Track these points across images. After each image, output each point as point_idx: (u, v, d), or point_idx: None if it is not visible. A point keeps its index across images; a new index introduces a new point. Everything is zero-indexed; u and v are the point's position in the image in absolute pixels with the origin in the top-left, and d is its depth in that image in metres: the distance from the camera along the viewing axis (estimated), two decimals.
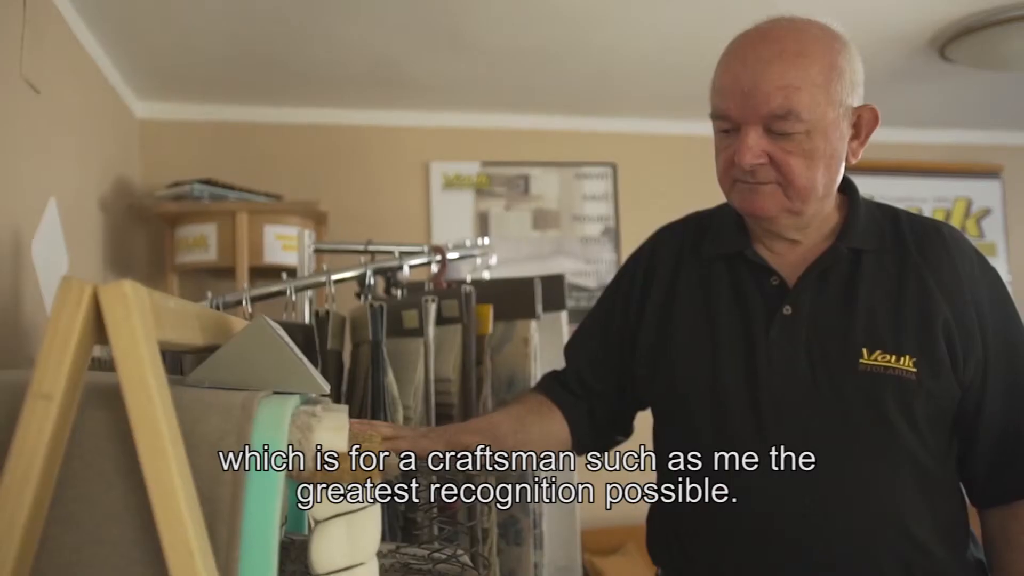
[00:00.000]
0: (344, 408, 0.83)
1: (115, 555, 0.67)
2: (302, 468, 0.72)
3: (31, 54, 1.85)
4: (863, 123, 1.17)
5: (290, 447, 0.72)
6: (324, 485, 0.74)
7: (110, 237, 2.61)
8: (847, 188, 1.25)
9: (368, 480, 0.75)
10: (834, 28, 1.16)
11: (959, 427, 1.19)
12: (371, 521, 0.77)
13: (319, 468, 0.73)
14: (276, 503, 0.70)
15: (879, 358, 1.13)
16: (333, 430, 0.74)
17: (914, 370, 1.13)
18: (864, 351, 1.14)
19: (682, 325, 1.26)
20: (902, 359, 1.13)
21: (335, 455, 0.74)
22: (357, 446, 0.75)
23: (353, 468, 0.74)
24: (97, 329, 0.66)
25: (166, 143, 3.17)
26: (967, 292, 1.17)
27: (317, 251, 1.92)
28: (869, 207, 1.25)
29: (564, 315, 1.84)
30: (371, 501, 0.76)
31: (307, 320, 1.77)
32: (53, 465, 0.65)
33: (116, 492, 0.68)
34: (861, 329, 1.16)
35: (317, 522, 0.76)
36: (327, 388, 0.89)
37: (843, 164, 1.18)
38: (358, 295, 1.93)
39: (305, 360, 0.88)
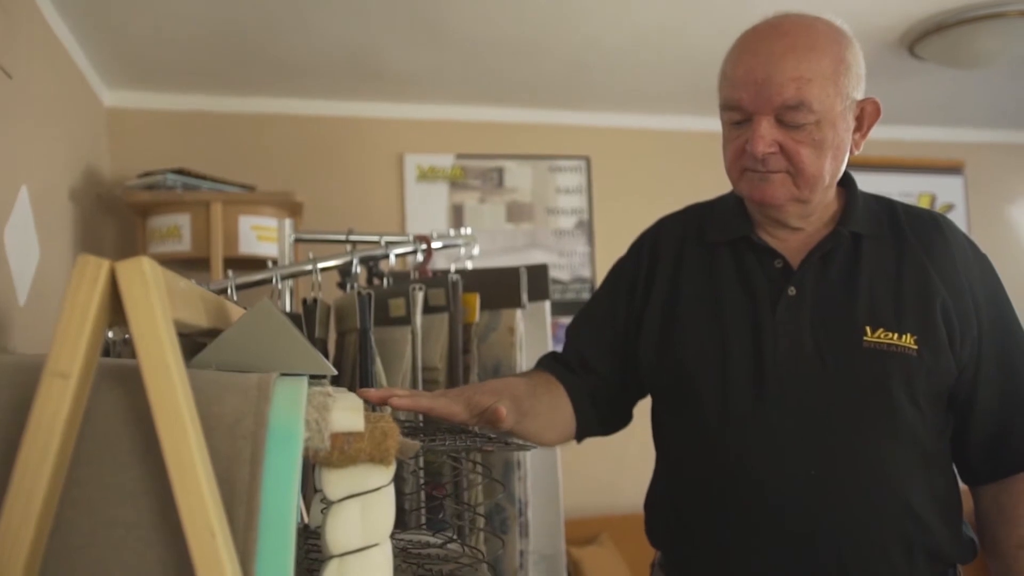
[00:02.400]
0: (350, 393, 0.83)
1: (130, 537, 0.66)
2: (319, 447, 0.71)
3: (3, 38, 1.81)
4: (865, 115, 1.23)
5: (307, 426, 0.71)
6: (340, 465, 0.74)
7: (80, 227, 2.56)
8: (845, 178, 1.29)
9: (384, 460, 0.74)
10: (838, 24, 1.21)
11: (954, 406, 1.23)
12: (386, 502, 0.76)
13: (337, 448, 0.73)
14: (294, 484, 0.69)
15: (882, 336, 1.17)
16: (349, 409, 0.73)
17: (915, 347, 1.17)
18: (867, 329, 1.18)
19: (688, 309, 1.28)
20: (904, 337, 1.17)
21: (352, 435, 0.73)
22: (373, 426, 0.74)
23: (370, 448, 0.73)
24: (113, 307, 0.64)
25: (135, 132, 3.11)
26: (962, 276, 1.22)
27: (298, 240, 1.90)
28: (866, 197, 1.30)
29: (548, 305, 1.84)
30: (386, 482, 0.76)
31: (288, 310, 1.75)
32: (69, 445, 0.63)
33: (131, 474, 0.67)
34: (863, 308, 1.19)
35: (331, 503, 0.75)
36: (334, 371, 0.88)
37: (847, 155, 1.22)
38: (340, 285, 1.91)
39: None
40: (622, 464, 3.17)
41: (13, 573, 0.61)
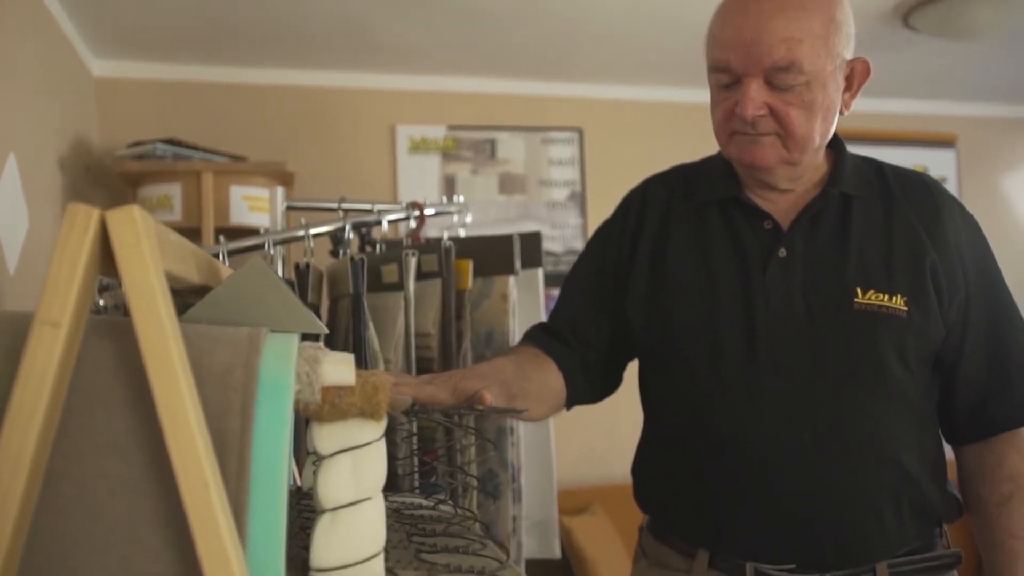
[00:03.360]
0: None
1: (121, 488, 0.66)
2: (310, 400, 0.71)
3: None
4: (856, 75, 1.21)
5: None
6: (331, 419, 0.74)
7: (70, 197, 2.54)
8: (833, 140, 1.27)
9: (375, 414, 0.74)
10: None
11: (941, 367, 1.23)
12: (377, 457, 0.76)
13: (327, 402, 0.72)
14: (286, 436, 0.69)
15: (873, 297, 1.17)
16: (340, 363, 0.73)
17: (905, 309, 1.17)
18: (858, 290, 1.18)
19: (677, 269, 1.27)
20: (894, 298, 1.17)
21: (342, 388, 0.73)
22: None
23: (360, 402, 0.73)
24: (103, 258, 0.64)
25: (124, 103, 3.09)
26: (951, 237, 1.22)
27: (290, 208, 1.89)
28: (855, 158, 1.29)
29: (540, 272, 1.84)
30: (377, 437, 0.76)
31: (280, 276, 1.74)
32: (60, 395, 0.63)
33: (121, 425, 0.67)
34: (854, 269, 1.19)
35: (322, 458, 0.76)
36: (325, 330, 0.88)
37: (837, 115, 1.21)
38: (332, 253, 1.91)
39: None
40: (613, 436, 3.19)
41: (5, 524, 0.61)
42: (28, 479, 0.61)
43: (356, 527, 0.75)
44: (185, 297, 1.02)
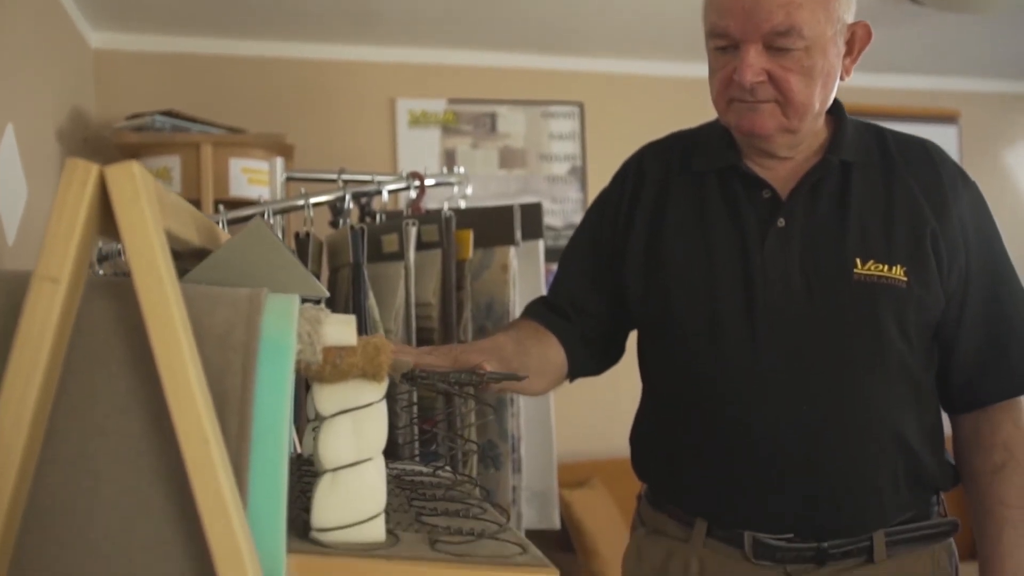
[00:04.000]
0: None
1: (122, 447, 0.66)
2: (311, 360, 0.71)
3: None
4: (856, 39, 1.19)
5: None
6: (332, 380, 0.74)
7: None
8: (833, 105, 1.25)
9: (377, 375, 0.74)
10: None
11: (939, 335, 1.23)
12: (378, 418, 0.76)
13: (329, 362, 0.72)
14: (287, 395, 0.69)
15: (872, 268, 1.16)
16: (342, 323, 0.73)
17: (905, 279, 1.16)
18: (858, 261, 1.17)
19: (674, 243, 1.26)
20: (894, 269, 1.16)
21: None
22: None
23: (362, 363, 0.73)
24: (102, 215, 0.64)
25: (122, 75, 3.07)
26: (952, 204, 1.20)
27: (289, 179, 1.88)
28: (855, 124, 1.27)
29: (541, 244, 1.83)
30: (378, 398, 0.76)
31: None
32: (60, 351, 0.63)
33: (122, 383, 0.66)
34: (854, 240, 1.18)
35: (323, 419, 0.76)
36: (326, 293, 0.88)
37: (837, 81, 1.19)
38: (332, 224, 1.90)
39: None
40: (613, 411, 3.19)
41: (6, 482, 0.61)
42: (29, 436, 0.61)
43: (357, 487, 0.75)
44: (184, 263, 1.01)
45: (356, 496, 0.75)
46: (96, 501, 0.65)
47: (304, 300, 0.80)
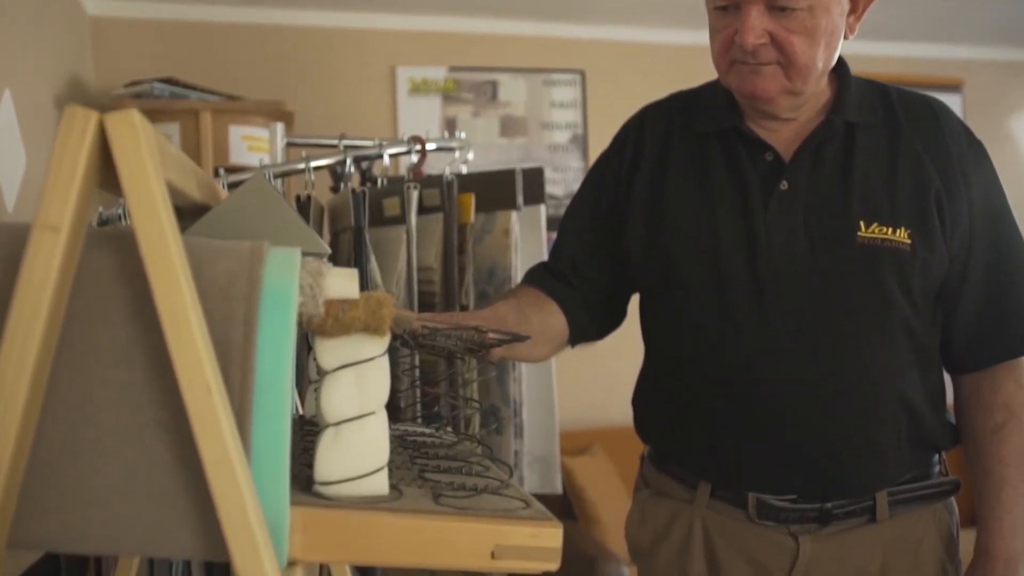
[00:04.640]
0: None
1: (125, 398, 0.66)
2: (313, 312, 0.71)
3: None
4: None
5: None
6: (334, 334, 0.73)
7: None
8: (837, 64, 1.23)
9: (379, 330, 0.74)
10: None
11: (943, 295, 1.22)
12: (380, 372, 0.76)
13: (331, 315, 0.72)
14: (290, 346, 0.68)
15: (876, 230, 1.15)
16: (345, 276, 0.73)
17: (908, 241, 1.15)
18: (861, 224, 1.16)
19: (676, 202, 1.25)
20: (898, 231, 1.15)
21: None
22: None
23: (364, 316, 0.73)
24: (101, 166, 0.63)
25: (119, 42, 3.05)
26: (956, 163, 1.19)
27: (290, 145, 1.87)
28: (859, 83, 1.25)
29: (543, 209, 1.82)
30: (380, 352, 0.75)
31: None
32: (61, 301, 0.63)
33: (123, 334, 0.66)
34: (858, 202, 1.17)
35: (326, 373, 0.75)
36: (328, 249, 0.87)
37: (841, 40, 1.18)
38: (333, 189, 1.89)
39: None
40: (614, 380, 3.20)
41: (9, 433, 0.61)
42: (31, 387, 0.61)
43: (360, 441, 0.75)
44: (184, 222, 1.01)
45: (359, 450, 0.75)
46: (99, 451, 0.65)
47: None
